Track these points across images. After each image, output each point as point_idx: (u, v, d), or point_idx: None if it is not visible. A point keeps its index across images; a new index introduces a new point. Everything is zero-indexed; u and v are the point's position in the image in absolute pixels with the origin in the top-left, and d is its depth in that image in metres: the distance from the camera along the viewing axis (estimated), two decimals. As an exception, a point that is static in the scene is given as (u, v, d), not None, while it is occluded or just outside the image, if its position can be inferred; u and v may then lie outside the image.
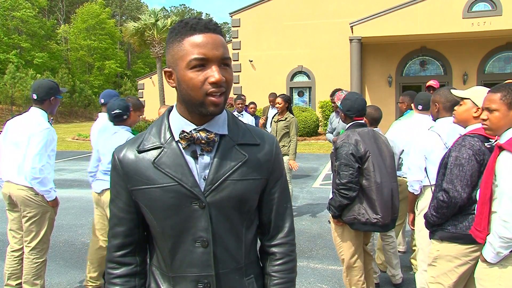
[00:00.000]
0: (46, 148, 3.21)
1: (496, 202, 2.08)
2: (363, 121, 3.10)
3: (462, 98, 2.55)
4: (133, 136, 3.52)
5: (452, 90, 2.69)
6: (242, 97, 7.05)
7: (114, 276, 1.25)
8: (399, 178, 3.71)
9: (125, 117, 3.50)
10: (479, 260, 2.20)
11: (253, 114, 6.84)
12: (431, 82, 6.23)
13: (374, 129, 3.50)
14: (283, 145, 5.86)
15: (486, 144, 2.30)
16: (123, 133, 3.47)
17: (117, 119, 3.49)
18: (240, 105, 6.84)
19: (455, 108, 2.59)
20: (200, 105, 1.12)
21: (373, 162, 2.86)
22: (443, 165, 2.45)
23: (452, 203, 2.32)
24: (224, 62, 1.12)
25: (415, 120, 3.75)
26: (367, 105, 3.27)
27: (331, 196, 3.04)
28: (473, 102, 2.48)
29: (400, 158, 3.72)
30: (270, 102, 7.63)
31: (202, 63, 1.10)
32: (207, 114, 1.13)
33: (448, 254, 2.42)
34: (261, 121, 7.21)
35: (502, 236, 1.98)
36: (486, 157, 2.29)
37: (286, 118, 5.88)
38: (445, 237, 2.42)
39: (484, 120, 2.18)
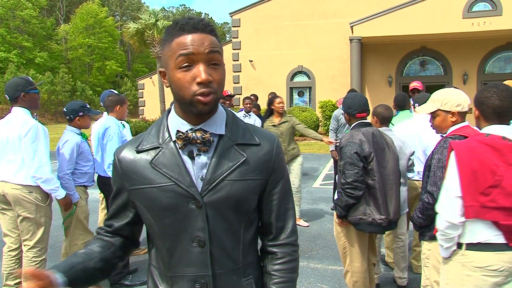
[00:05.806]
0: (39, 144, 3.21)
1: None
2: (367, 120, 3.08)
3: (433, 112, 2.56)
4: (78, 138, 3.67)
5: (416, 108, 2.69)
6: (252, 97, 6.90)
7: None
8: (409, 181, 3.62)
9: (67, 117, 3.75)
10: None
11: (248, 111, 6.72)
12: (415, 84, 5.77)
13: (385, 128, 3.46)
14: (293, 147, 5.54)
15: None
16: (66, 134, 3.71)
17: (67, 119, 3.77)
18: (248, 105, 6.71)
19: (431, 121, 2.60)
20: (190, 104, 1.12)
21: (378, 162, 2.86)
22: (427, 167, 2.47)
23: None
24: (212, 62, 1.11)
25: (420, 121, 3.71)
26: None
27: (336, 196, 3.02)
28: (444, 111, 2.49)
29: (410, 159, 3.53)
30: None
31: (188, 63, 1.09)
32: (197, 113, 1.13)
33: (438, 252, 2.42)
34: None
35: (438, 228, 2.08)
36: None
37: (287, 121, 5.54)
38: (434, 236, 2.42)
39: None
